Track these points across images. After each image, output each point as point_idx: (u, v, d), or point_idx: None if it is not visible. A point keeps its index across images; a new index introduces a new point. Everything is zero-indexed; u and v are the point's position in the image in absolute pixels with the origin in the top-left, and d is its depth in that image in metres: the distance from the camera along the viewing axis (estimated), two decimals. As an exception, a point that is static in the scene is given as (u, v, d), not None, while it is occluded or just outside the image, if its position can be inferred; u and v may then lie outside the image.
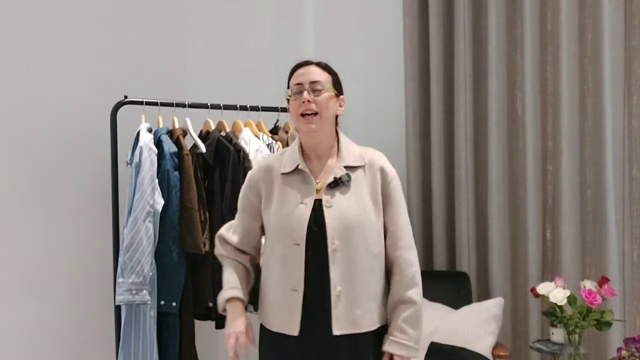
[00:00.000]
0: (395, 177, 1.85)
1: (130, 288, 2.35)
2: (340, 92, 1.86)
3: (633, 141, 2.82)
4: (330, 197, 1.76)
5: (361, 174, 1.81)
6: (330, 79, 1.81)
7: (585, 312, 2.44)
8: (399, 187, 1.86)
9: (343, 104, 1.86)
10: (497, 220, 2.97)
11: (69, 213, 2.71)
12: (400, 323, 1.77)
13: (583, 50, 2.88)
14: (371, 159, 1.84)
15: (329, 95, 1.78)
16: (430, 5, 3.09)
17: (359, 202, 1.77)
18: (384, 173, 1.83)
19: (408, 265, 1.80)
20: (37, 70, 2.61)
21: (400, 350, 1.76)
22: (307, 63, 1.82)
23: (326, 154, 1.83)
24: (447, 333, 2.60)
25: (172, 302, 2.46)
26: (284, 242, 1.76)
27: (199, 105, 2.67)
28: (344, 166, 1.80)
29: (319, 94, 1.77)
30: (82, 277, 2.75)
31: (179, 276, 2.48)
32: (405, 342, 1.77)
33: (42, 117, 2.63)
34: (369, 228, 1.77)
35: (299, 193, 1.78)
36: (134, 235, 2.37)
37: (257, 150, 2.65)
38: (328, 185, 1.78)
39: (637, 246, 2.83)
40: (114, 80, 2.80)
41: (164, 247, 2.45)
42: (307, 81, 1.78)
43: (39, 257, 2.63)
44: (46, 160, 2.65)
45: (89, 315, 2.76)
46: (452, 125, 3.10)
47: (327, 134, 1.82)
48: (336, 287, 1.72)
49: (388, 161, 1.88)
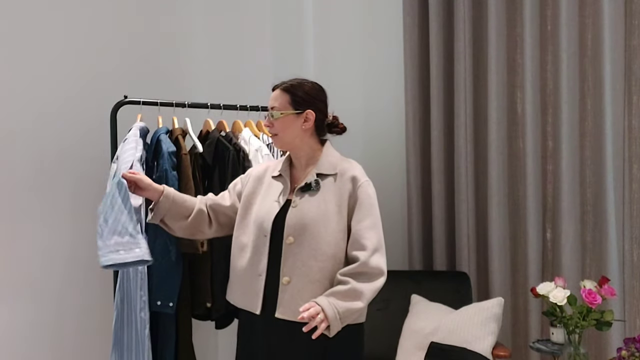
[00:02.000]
0: (365, 183, 2.00)
1: (116, 248, 1.95)
2: (307, 107, 2.02)
3: (633, 141, 2.83)
4: (299, 199, 1.99)
5: (331, 181, 2.00)
6: (288, 100, 2.02)
7: (585, 312, 2.44)
8: (370, 193, 2.00)
9: (310, 117, 2.03)
10: (497, 220, 2.97)
11: (68, 213, 2.71)
12: (328, 292, 1.89)
13: (583, 50, 2.88)
14: (343, 168, 2.02)
15: (285, 118, 2.01)
16: (430, 5, 3.08)
17: (321, 206, 1.96)
18: (354, 180, 1.99)
19: (359, 263, 1.90)
20: (37, 70, 2.61)
21: (323, 301, 1.84)
22: (274, 88, 2.07)
23: (306, 163, 2.06)
24: (447, 333, 2.60)
25: (169, 302, 2.44)
26: (257, 233, 2.01)
27: (199, 105, 2.67)
28: (317, 173, 2.01)
29: (274, 118, 2.03)
30: (82, 277, 2.75)
31: (176, 276, 2.46)
32: (331, 300, 1.84)
33: (42, 117, 2.63)
34: (325, 230, 1.94)
35: (277, 193, 2.05)
36: (106, 198, 2.04)
37: (257, 150, 2.64)
38: (299, 188, 2.01)
39: (637, 246, 2.84)
40: (114, 80, 2.80)
41: (161, 247, 2.44)
42: (269, 106, 2.05)
43: (38, 257, 2.63)
44: (46, 159, 2.65)
45: (88, 315, 2.76)
46: (452, 125, 3.10)
47: (301, 147, 2.05)
48: (284, 277, 1.94)
49: (363, 172, 2.04)
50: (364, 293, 1.87)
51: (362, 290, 1.87)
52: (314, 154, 2.05)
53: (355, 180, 1.99)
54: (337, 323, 1.84)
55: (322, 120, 2.07)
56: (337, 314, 1.83)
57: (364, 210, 1.97)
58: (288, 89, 2.03)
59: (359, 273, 1.89)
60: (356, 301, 1.87)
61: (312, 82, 2.09)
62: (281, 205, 2.01)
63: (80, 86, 2.74)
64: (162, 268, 2.43)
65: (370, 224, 1.96)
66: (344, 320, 1.86)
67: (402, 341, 2.73)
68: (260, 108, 2.79)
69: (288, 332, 1.93)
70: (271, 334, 1.98)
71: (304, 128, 2.03)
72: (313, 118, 2.02)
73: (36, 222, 2.62)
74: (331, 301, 1.84)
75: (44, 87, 2.63)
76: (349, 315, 1.87)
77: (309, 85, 2.07)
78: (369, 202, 1.98)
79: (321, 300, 1.85)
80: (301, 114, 2.02)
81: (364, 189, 1.98)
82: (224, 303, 2.56)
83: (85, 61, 2.77)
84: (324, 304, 1.83)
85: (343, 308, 1.84)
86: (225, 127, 2.71)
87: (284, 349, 1.97)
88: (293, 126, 2.02)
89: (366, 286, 1.88)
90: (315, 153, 2.06)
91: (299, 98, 2.02)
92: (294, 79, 2.07)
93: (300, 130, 2.02)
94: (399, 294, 2.90)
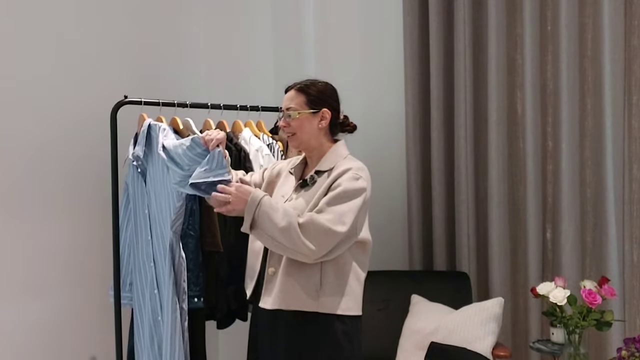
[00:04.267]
0: (350, 173, 1.97)
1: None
2: (322, 106, 2.06)
3: (633, 141, 2.82)
4: (296, 194, 2.07)
5: (325, 177, 2.02)
6: (304, 100, 2.06)
7: (585, 312, 2.44)
8: (353, 183, 1.95)
9: (327, 115, 2.07)
10: (497, 220, 2.98)
11: (68, 213, 2.71)
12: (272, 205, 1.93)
13: (583, 50, 2.88)
14: (338, 165, 2.03)
15: (302, 117, 2.05)
16: (430, 5, 3.08)
17: (310, 201, 1.99)
18: (342, 172, 1.98)
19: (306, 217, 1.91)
20: (37, 70, 2.61)
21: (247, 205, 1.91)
22: (287, 89, 2.11)
23: (317, 161, 2.10)
24: (447, 333, 2.61)
25: (201, 297, 2.49)
26: None
27: (199, 105, 2.67)
28: (316, 170, 2.06)
29: (292, 118, 2.06)
30: (82, 277, 2.75)
31: (204, 272, 2.50)
32: (258, 207, 1.90)
33: (42, 116, 2.63)
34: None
35: (287, 188, 2.13)
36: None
37: (258, 150, 2.65)
38: (298, 185, 2.09)
39: (637, 246, 2.84)
40: (114, 80, 2.80)
41: (193, 245, 2.46)
42: (284, 107, 2.10)
43: (38, 257, 2.63)
44: (46, 159, 2.64)
45: (88, 316, 2.76)
46: (452, 125, 3.10)
47: (314, 147, 2.09)
48: (270, 268, 2.01)
49: (360, 169, 2.01)
50: (290, 225, 1.87)
51: (291, 222, 1.87)
52: (325, 152, 2.09)
53: (342, 172, 1.98)
54: (249, 213, 1.90)
55: (336, 119, 2.12)
56: (254, 209, 1.90)
57: (335, 195, 1.93)
58: (303, 89, 2.07)
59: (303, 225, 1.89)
60: (277, 217, 1.88)
61: (325, 82, 2.13)
62: (285, 200, 2.07)
63: (80, 86, 2.74)
64: (195, 265, 2.47)
65: (337, 210, 1.91)
66: (257, 219, 1.90)
67: (402, 341, 2.73)
68: (260, 108, 2.79)
69: (269, 321, 2.02)
70: (258, 323, 2.10)
71: (320, 127, 2.07)
72: (329, 117, 2.07)
73: (36, 222, 2.62)
74: (263, 202, 1.90)
75: (44, 87, 2.63)
76: (263, 221, 1.90)
77: (322, 85, 2.11)
78: (345, 190, 1.93)
79: (255, 193, 1.93)
80: (317, 113, 2.06)
81: (343, 178, 1.96)
82: (226, 303, 2.57)
83: (86, 61, 2.77)
84: (252, 196, 1.91)
85: (264, 213, 1.89)
86: (226, 127, 2.71)
87: (265, 338, 2.05)
88: (310, 125, 2.06)
89: (295, 230, 1.87)
90: (326, 152, 2.09)
91: (314, 97, 2.07)
92: (306, 80, 2.11)
93: (317, 129, 2.07)
94: (399, 294, 2.91)
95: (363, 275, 2.05)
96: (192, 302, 2.45)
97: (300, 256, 1.90)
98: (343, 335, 1.98)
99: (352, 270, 2.00)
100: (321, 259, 1.91)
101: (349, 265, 1.99)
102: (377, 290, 2.82)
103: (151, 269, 2.41)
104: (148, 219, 2.44)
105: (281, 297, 1.95)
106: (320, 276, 1.95)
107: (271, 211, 1.90)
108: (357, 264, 2.02)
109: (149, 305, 2.43)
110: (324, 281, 1.95)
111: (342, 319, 1.97)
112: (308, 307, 1.95)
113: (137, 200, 2.49)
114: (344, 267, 1.98)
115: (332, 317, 1.96)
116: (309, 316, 1.95)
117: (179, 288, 2.34)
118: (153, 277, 2.40)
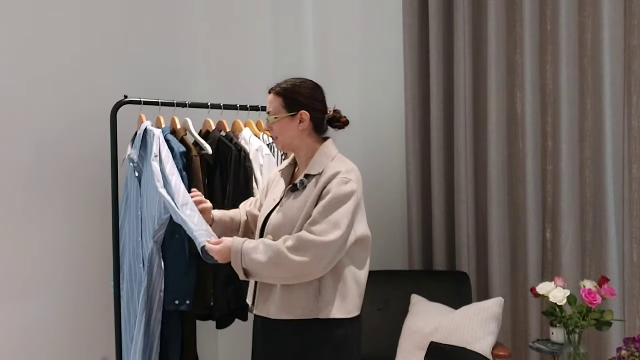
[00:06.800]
0: (339, 178, 1.94)
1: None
2: (299, 107, 2.02)
3: (633, 141, 2.83)
4: (287, 199, 2.04)
5: (314, 182, 1.99)
6: (281, 103, 2.03)
7: (585, 312, 2.44)
8: (342, 189, 1.92)
9: (305, 117, 2.02)
10: (497, 220, 2.98)
11: (68, 213, 2.71)
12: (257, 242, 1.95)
13: (583, 50, 2.88)
14: (327, 168, 1.99)
15: (281, 121, 2.03)
16: (430, 5, 3.08)
17: (300, 206, 1.97)
18: (331, 177, 1.95)
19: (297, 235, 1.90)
20: (37, 70, 2.61)
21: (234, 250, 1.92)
22: (269, 92, 2.08)
23: (306, 162, 2.07)
24: (447, 333, 2.61)
25: (186, 300, 2.45)
26: (258, 229, 2.12)
27: (199, 105, 2.67)
28: (305, 174, 2.02)
29: (272, 123, 2.06)
30: (82, 277, 2.75)
31: (193, 274, 2.47)
32: (246, 252, 1.91)
33: (42, 116, 2.63)
34: (299, 229, 1.93)
35: (277, 191, 2.12)
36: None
37: (258, 150, 2.65)
38: (289, 189, 2.05)
39: (637, 246, 2.84)
40: (114, 80, 2.80)
41: (178, 245, 2.44)
42: (267, 111, 2.09)
43: (38, 257, 2.63)
44: (46, 159, 2.64)
45: (88, 316, 2.75)
46: (452, 125, 3.10)
47: (300, 147, 2.07)
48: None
49: (350, 170, 1.99)
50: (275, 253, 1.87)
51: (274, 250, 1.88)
52: (312, 153, 2.05)
53: (332, 176, 1.94)
54: (237, 259, 1.92)
55: (320, 118, 2.05)
56: (240, 261, 1.91)
57: (326, 202, 1.91)
58: (280, 93, 2.04)
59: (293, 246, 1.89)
60: (260, 257, 1.89)
61: (305, 81, 2.07)
62: (275, 204, 2.07)
63: (80, 86, 2.74)
64: (180, 266, 2.45)
65: (331, 217, 1.89)
66: (248, 268, 1.91)
67: (402, 341, 2.73)
68: (260, 108, 2.79)
69: (264, 329, 2.02)
70: (255, 331, 2.10)
71: (301, 129, 2.03)
72: (308, 118, 2.02)
73: (35, 222, 2.62)
74: (244, 251, 1.91)
75: (44, 87, 2.63)
76: (254, 267, 1.91)
77: (302, 84, 2.05)
78: (337, 196, 1.91)
79: (235, 245, 1.93)
80: (295, 116, 2.02)
81: (333, 184, 1.93)
82: (225, 303, 2.57)
83: (86, 61, 2.76)
84: (233, 249, 1.92)
85: (247, 258, 1.91)
86: (226, 127, 2.71)
87: (262, 346, 2.06)
88: (290, 128, 2.03)
89: (284, 256, 1.87)
90: (314, 152, 2.05)
91: (291, 100, 2.02)
92: (287, 81, 2.06)
93: (298, 131, 2.03)
94: (399, 294, 2.91)
95: (362, 273, 2.02)
96: (174, 304, 2.43)
97: (305, 277, 1.89)
98: (344, 339, 1.98)
99: (349, 272, 1.98)
100: (327, 269, 1.90)
101: (346, 268, 1.97)
102: (377, 290, 2.81)
103: (140, 269, 2.42)
104: (140, 221, 2.44)
105: (281, 307, 1.94)
106: (319, 282, 1.93)
107: (254, 254, 1.90)
108: (355, 263, 2.00)
109: (137, 303, 2.44)
110: (323, 287, 1.93)
111: (342, 323, 1.96)
112: (309, 314, 1.93)
113: (132, 201, 2.51)
114: (342, 270, 1.96)
115: (333, 322, 1.95)
116: (309, 323, 1.94)
117: (152, 299, 2.37)
118: (142, 277, 2.41)
